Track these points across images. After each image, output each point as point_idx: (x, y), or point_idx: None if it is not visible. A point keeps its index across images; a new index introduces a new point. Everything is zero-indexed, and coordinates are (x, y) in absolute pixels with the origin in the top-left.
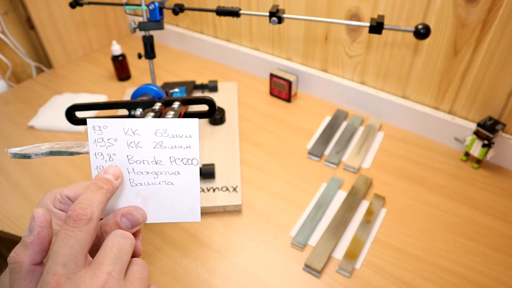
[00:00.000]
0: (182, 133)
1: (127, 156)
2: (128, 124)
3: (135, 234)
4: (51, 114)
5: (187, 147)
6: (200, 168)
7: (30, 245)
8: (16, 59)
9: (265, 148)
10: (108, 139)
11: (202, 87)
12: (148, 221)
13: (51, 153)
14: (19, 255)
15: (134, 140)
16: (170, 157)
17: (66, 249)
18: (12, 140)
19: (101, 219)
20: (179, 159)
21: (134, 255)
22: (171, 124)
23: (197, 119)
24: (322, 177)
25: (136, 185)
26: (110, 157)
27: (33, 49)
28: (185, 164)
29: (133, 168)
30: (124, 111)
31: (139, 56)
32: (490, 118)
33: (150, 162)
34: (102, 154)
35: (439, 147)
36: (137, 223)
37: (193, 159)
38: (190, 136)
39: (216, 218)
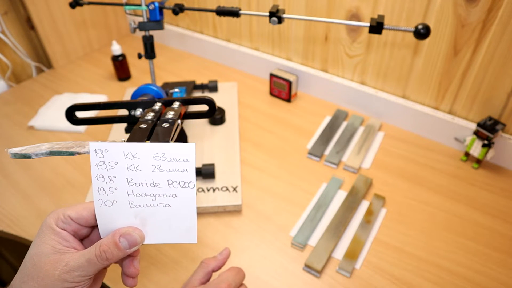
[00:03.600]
0: (180, 157)
1: (127, 178)
2: (128, 148)
3: (133, 254)
4: (51, 114)
5: (184, 170)
6: (200, 168)
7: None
8: (16, 59)
9: (265, 148)
10: (109, 162)
11: (202, 87)
12: (145, 242)
13: (51, 153)
14: None
15: (134, 163)
16: (167, 180)
17: None
18: (12, 140)
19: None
20: (176, 182)
21: (130, 275)
22: (169, 148)
23: (194, 144)
24: (322, 177)
25: (135, 206)
26: (110, 179)
27: (33, 49)
28: (182, 187)
29: (132, 190)
30: (124, 111)
31: (139, 56)
32: (490, 118)
33: (148, 185)
34: (103, 176)
35: (439, 147)
36: (135, 243)
37: (189, 182)
38: (187, 160)
39: (216, 218)
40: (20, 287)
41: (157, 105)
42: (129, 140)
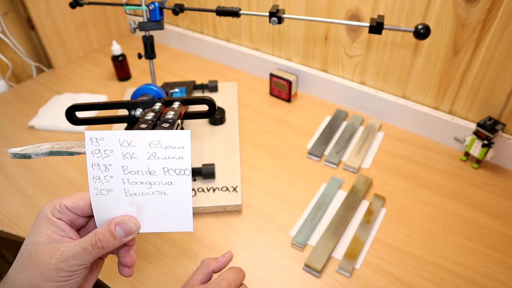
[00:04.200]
0: (175, 144)
1: (122, 166)
2: (124, 136)
3: (129, 243)
4: (51, 114)
5: (179, 158)
6: (200, 168)
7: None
8: (16, 59)
9: (265, 148)
10: (104, 150)
11: (202, 87)
12: (141, 231)
13: (51, 153)
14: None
15: (129, 151)
16: (163, 168)
17: None
18: (12, 140)
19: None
20: (172, 169)
21: (126, 265)
22: (165, 135)
23: (189, 130)
24: (322, 177)
25: (131, 194)
26: (106, 167)
27: (33, 49)
28: (177, 175)
29: (128, 179)
30: (124, 111)
31: (139, 56)
32: (490, 118)
33: (144, 173)
34: (98, 164)
35: (439, 147)
36: (130, 232)
37: (185, 169)
38: (183, 147)
39: (216, 218)
40: (16, 277)
41: (157, 105)
42: None
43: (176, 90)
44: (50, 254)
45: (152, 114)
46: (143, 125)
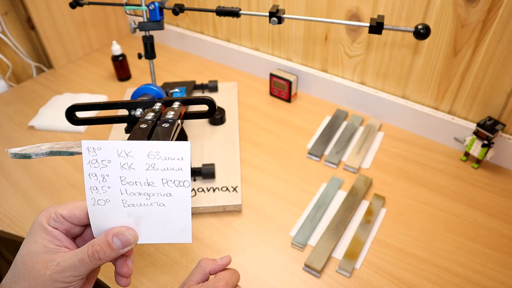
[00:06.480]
0: (174, 155)
1: (120, 177)
2: (122, 146)
3: (126, 254)
4: (51, 114)
5: (179, 169)
6: (200, 168)
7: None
8: (16, 59)
9: (265, 148)
10: (102, 161)
11: (202, 87)
12: (139, 242)
13: (51, 153)
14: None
15: (127, 161)
16: (162, 179)
17: None
18: (12, 140)
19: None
20: (171, 181)
21: (123, 275)
22: (164, 146)
23: (189, 142)
24: (322, 177)
25: (129, 205)
26: (103, 178)
27: (33, 49)
28: (177, 186)
29: (125, 189)
30: (124, 111)
31: (139, 56)
32: (490, 118)
33: (142, 184)
34: (96, 175)
35: (439, 147)
36: (128, 243)
37: (184, 181)
38: (182, 159)
39: (216, 218)
40: (10, 287)
41: (157, 105)
42: (129, 140)
43: (176, 90)
44: (45, 265)
45: (152, 114)
46: (143, 125)
